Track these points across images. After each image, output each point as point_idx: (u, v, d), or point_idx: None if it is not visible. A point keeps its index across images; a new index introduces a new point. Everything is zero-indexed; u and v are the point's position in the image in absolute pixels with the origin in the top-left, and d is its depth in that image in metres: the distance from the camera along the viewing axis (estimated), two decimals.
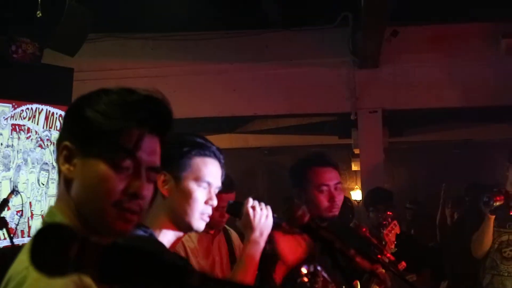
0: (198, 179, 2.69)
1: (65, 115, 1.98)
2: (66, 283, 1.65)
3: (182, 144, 2.74)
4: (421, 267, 6.55)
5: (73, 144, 1.87)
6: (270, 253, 3.27)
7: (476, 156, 14.00)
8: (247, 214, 3.07)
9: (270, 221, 3.08)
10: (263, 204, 3.10)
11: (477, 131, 12.60)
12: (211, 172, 2.74)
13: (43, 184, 7.47)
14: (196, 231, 2.79)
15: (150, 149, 1.91)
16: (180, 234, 2.76)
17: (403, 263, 4.48)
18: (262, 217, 3.07)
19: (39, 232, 1.10)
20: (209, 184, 2.72)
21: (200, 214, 2.68)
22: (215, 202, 2.70)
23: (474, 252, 6.60)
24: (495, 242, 6.54)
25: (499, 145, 12.22)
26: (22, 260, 1.78)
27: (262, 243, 3.09)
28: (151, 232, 2.68)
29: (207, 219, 2.73)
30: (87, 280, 1.69)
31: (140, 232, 2.70)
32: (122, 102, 1.89)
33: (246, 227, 3.09)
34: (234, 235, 4.56)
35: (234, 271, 3.18)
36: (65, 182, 1.89)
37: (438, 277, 7.96)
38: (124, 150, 1.86)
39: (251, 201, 3.09)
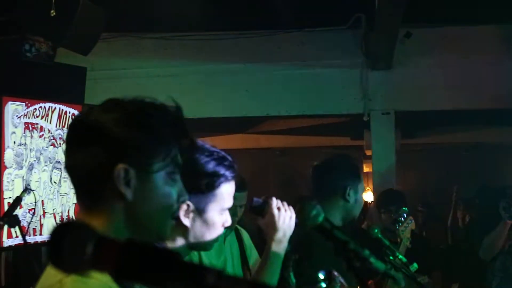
0: (222, 209, 2.73)
1: (91, 134, 1.89)
2: None
3: (211, 175, 2.70)
4: (432, 269, 6.55)
5: (131, 166, 1.86)
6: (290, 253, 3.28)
7: (487, 158, 13.97)
8: (272, 214, 3.09)
9: (293, 222, 3.10)
10: (286, 204, 3.12)
11: (489, 133, 12.58)
12: (232, 197, 2.78)
13: (56, 183, 7.48)
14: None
15: None
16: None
17: (415, 265, 4.49)
18: (286, 218, 3.09)
19: (56, 230, 1.11)
20: (228, 208, 2.77)
21: (216, 236, 2.75)
22: (229, 223, 2.75)
23: (483, 254, 6.65)
24: (505, 245, 6.58)
25: (510, 148, 12.21)
26: (53, 274, 1.77)
27: (285, 243, 3.12)
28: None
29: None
30: None
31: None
32: (168, 119, 1.93)
33: (269, 227, 3.11)
34: (245, 234, 4.57)
35: (258, 271, 3.21)
36: (119, 205, 1.88)
37: (449, 279, 7.96)
38: (179, 166, 1.95)
39: (275, 201, 3.11)
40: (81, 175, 1.89)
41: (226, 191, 2.73)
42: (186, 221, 2.69)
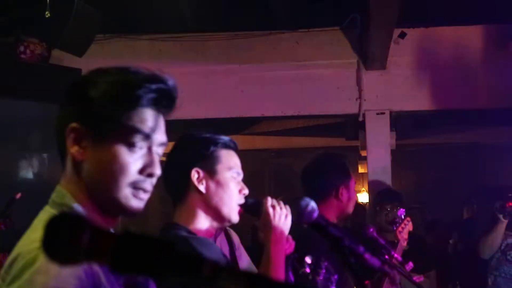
0: (230, 168, 2.92)
1: (68, 96, 1.99)
2: (77, 269, 1.70)
3: (208, 141, 2.94)
4: (428, 268, 6.55)
5: (83, 126, 1.89)
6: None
7: (483, 158, 13.98)
8: (267, 213, 3.08)
9: (289, 221, 3.10)
10: (281, 203, 3.12)
11: (485, 133, 12.57)
12: (237, 163, 2.98)
13: None
14: (232, 223, 3.04)
15: (160, 127, 1.98)
16: (214, 229, 3.00)
17: (411, 264, 4.50)
18: (282, 216, 3.08)
19: (50, 221, 1.10)
20: (238, 174, 2.96)
21: (236, 205, 2.92)
22: (247, 191, 2.87)
23: (482, 252, 6.68)
24: (501, 244, 6.64)
25: (506, 148, 12.21)
26: (33, 240, 1.78)
27: (283, 242, 3.12)
28: (188, 229, 2.82)
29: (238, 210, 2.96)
30: (96, 267, 1.74)
31: (177, 232, 2.81)
32: (130, 82, 1.94)
33: (265, 227, 3.11)
34: (234, 235, 4.57)
35: (261, 273, 3.21)
36: (74, 164, 1.92)
37: (445, 278, 7.96)
38: (140, 132, 1.90)
39: (270, 200, 3.11)
40: (54, 130, 1.97)
41: (229, 155, 2.95)
42: (201, 187, 2.86)
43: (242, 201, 2.97)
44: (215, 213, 2.93)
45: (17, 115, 7.38)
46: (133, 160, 1.90)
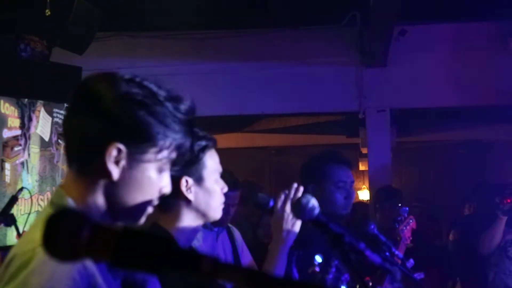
0: (215, 171, 2.89)
1: (109, 111, 1.85)
2: (71, 270, 1.70)
3: (196, 147, 2.87)
4: (429, 265, 6.55)
5: (126, 147, 1.85)
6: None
7: (484, 156, 13.97)
8: (281, 215, 3.11)
9: (299, 222, 3.12)
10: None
11: (485, 131, 12.57)
12: (217, 161, 2.94)
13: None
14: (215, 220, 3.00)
15: None
16: (198, 226, 2.94)
17: (411, 261, 4.50)
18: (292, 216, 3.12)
19: (51, 217, 1.10)
20: (219, 173, 2.93)
21: (221, 205, 2.91)
22: (226, 189, 2.88)
23: (482, 249, 6.70)
24: (501, 240, 6.66)
25: (507, 145, 12.20)
26: (29, 240, 1.79)
27: (290, 241, 3.16)
28: (166, 231, 2.82)
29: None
30: (91, 268, 1.74)
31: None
32: (181, 114, 1.95)
33: (275, 225, 3.13)
34: (236, 233, 4.58)
35: (265, 269, 3.23)
36: (105, 182, 1.88)
37: (447, 276, 7.96)
38: (174, 160, 1.94)
39: (282, 199, 3.13)
40: (75, 140, 1.90)
41: (212, 157, 2.91)
42: (190, 196, 2.83)
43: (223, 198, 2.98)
44: (201, 216, 2.92)
45: None
46: (160, 183, 1.95)
